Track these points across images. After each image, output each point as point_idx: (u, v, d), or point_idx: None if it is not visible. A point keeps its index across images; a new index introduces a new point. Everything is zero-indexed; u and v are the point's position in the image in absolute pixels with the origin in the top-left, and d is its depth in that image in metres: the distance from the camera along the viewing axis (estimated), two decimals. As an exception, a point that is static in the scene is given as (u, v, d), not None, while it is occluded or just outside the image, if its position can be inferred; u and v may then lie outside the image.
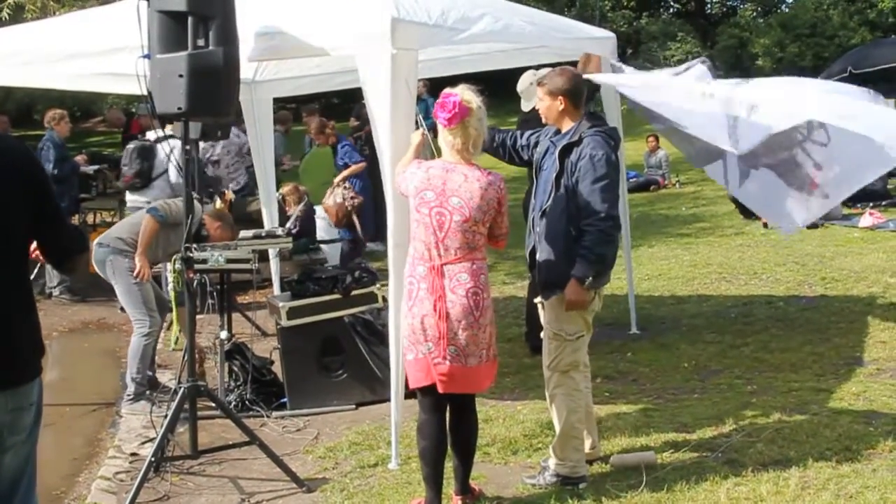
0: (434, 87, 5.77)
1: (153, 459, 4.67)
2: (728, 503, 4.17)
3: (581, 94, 4.56)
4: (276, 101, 8.41)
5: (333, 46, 4.99)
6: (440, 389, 4.07)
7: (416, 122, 4.85)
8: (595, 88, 6.61)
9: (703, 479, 4.40)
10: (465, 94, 4.03)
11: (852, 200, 11.09)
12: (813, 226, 11.15)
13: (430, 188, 4.02)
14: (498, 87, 5.82)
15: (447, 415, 4.19)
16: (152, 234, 6.00)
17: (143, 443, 5.48)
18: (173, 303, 6.03)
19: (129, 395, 6.13)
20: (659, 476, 4.47)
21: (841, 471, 4.43)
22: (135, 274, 5.99)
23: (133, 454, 5.35)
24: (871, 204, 11.59)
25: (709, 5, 36.39)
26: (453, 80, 5.37)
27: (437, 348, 4.00)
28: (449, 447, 4.19)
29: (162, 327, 6.51)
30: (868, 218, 11.04)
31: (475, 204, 4.01)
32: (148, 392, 6.08)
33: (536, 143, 4.75)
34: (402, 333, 4.14)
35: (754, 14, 33.28)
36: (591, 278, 4.31)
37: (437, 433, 4.15)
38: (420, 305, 4.02)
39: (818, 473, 4.41)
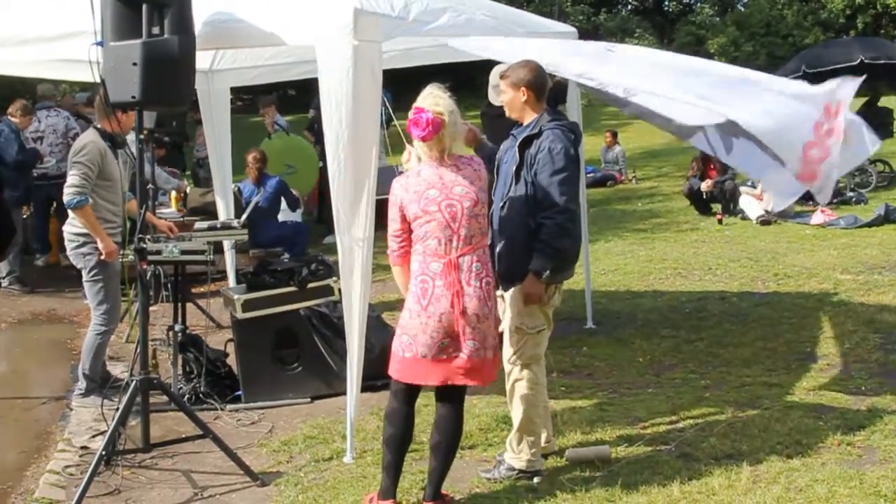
0: (392, 78, 5.71)
1: (104, 453, 4.61)
2: (681, 496, 4.20)
3: (544, 87, 4.54)
4: (232, 90, 8.33)
5: (293, 36, 4.94)
6: (457, 382, 4.04)
7: (382, 110, 4.83)
8: (564, 91, 6.63)
9: (657, 473, 4.44)
10: (436, 107, 4.00)
11: (804, 198, 11.23)
12: (766, 222, 11.33)
13: (432, 186, 4.03)
14: (456, 80, 5.78)
15: (436, 411, 4.18)
16: (92, 216, 5.79)
17: (94, 436, 5.40)
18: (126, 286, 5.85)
19: (80, 390, 6.03)
20: (613, 470, 4.50)
21: (791, 464, 4.49)
22: (104, 255, 5.84)
23: (83, 447, 5.27)
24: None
25: (666, 3, 36.72)
26: (411, 73, 5.33)
27: (456, 343, 4.00)
28: (431, 447, 4.16)
29: (117, 324, 6.39)
30: (819, 215, 11.20)
31: (477, 186, 4.07)
32: (100, 388, 5.97)
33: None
34: (408, 331, 4.05)
35: (711, 12, 33.66)
36: (547, 272, 4.33)
37: (407, 422, 4.15)
38: (437, 303, 3.99)
39: (769, 467, 4.47)
